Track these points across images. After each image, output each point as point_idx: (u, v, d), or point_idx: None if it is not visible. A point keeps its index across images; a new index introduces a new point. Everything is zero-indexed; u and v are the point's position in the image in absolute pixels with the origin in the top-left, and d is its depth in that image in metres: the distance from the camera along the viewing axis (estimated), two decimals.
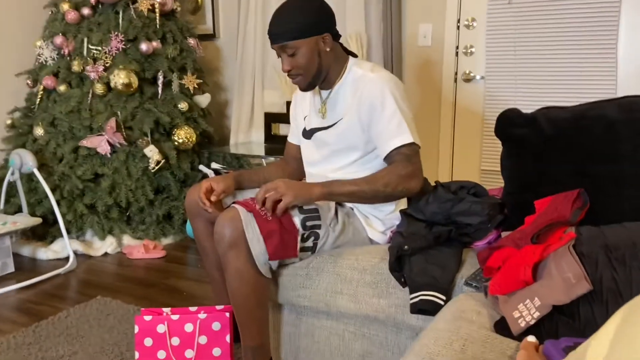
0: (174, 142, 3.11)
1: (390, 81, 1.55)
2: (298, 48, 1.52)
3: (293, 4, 1.52)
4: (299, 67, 1.54)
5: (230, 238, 1.42)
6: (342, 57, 1.62)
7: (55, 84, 3.06)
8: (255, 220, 1.44)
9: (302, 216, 1.52)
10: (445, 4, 2.96)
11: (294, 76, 1.57)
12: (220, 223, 1.44)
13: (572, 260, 1.09)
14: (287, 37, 1.50)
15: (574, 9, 2.67)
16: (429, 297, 1.36)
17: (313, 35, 1.52)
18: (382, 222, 1.67)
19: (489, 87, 2.93)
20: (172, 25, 3.25)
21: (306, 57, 1.53)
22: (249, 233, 1.43)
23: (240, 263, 1.44)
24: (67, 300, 2.40)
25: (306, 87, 1.60)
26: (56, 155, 2.98)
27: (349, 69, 1.61)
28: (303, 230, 1.52)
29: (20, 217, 2.80)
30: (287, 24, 1.50)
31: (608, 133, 1.40)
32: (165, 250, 2.98)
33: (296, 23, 1.49)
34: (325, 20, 1.54)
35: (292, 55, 1.53)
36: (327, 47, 1.55)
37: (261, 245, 1.44)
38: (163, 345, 1.63)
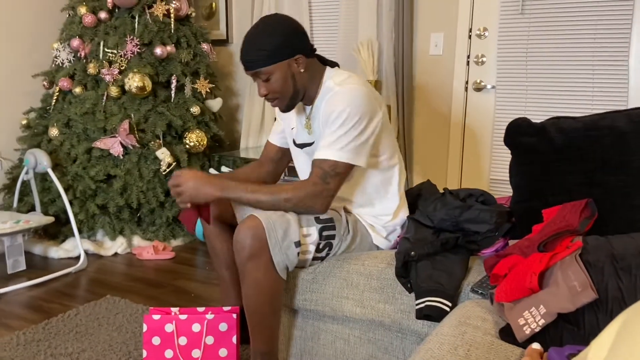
0: (186, 145, 3.14)
1: (357, 97, 1.49)
2: (271, 73, 1.51)
3: (262, 29, 1.50)
4: (274, 91, 1.54)
5: (252, 248, 1.43)
6: (318, 72, 1.60)
7: (71, 85, 3.11)
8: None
9: (319, 226, 1.53)
10: (457, 13, 2.97)
11: (271, 100, 1.57)
12: (242, 232, 1.43)
13: (578, 269, 1.09)
14: (258, 64, 1.50)
15: (586, 20, 2.67)
16: (435, 303, 1.37)
17: (284, 59, 1.51)
18: (384, 228, 1.68)
19: (500, 96, 2.94)
20: (187, 30, 3.30)
21: (280, 81, 1.52)
22: (271, 240, 1.44)
23: (260, 274, 1.45)
24: (77, 299, 2.43)
25: (285, 109, 1.60)
26: (70, 155, 3.03)
27: (324, 82, 1.59)
28: (320, 239, 1.54)
29: (33, 215, 2.84)
30: (258, 51, 1.49)
31: (618, 144, 1.40)
32: (174, 251, 3.01)
33: (266, 49, 1.48)
34: (296, 42, 1.52)
35: (267, 80, 1.53)
36: (300, 68, 1.54)
37: (282, 253, 1.46)
38: (170, 345, 1.65)
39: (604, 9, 2.63)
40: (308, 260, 1.57)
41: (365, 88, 1.53)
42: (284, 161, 1.86)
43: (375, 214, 1.66)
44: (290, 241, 1.47)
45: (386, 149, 1.62)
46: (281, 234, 1.45)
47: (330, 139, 1.49)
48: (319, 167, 1.49)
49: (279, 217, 1.47)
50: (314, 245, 1.54)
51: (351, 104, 1.48)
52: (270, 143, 1.85)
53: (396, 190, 1.67)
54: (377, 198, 1.65)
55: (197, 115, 3.22)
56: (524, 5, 2.81)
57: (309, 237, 1.52)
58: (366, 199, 1.65)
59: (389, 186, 1.66)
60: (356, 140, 1.49)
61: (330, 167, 1.49)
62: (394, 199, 1.67)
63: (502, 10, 2.86)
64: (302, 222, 1.51)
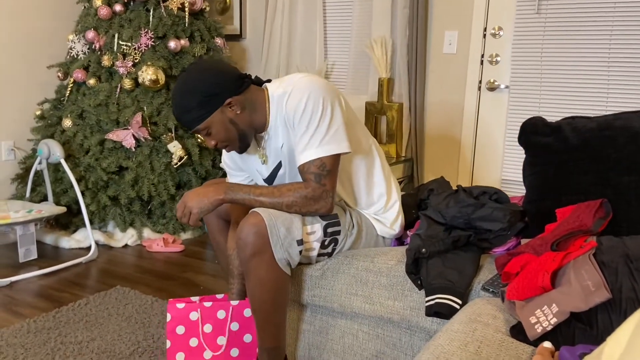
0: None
1: (309, 87, 1.44)
2: (209, 127, 1.48)
3: (183, 89, 1.45)
4: (221, 140, 1.51)
5: (254, 245, 1.42)
6: (260, 98, 1.52)
7: (85, 77, 3.13)
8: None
9: (324, 223, 1.53)
10: (472, 12, 2.96)
11: (223, 148, 1.55)
12: (245, 230, 1.43)
13: (592, 269, 1.08)
14: (193, 124, 1.47)
15: (603, 20, 2.65)
16: (445, 300, 1.37)
17: (214, 109, 1.45)
18: (385, 217, 1.67)
19: (514, 96, 2.92)
20: (201, 24, 3.31)
21: (222, 130, 1.48)
22: (273, 238, 1.43)
23: (263, 271, 1.45)
24: (87, 289, 2.45)
25: (240, 150, 1.56)
26: (83, 147, 3.05)
27: (271, 99, 1.52)
28: (324, 236, 1.53)
29: (45, 205, 2.87)
30: (185, 113, 1.46)
31: (632, 144, 1.39)
32: (184, 244, 3.03)
33: (192, 108, 1.44)
34: (220, 89, 1.45)
35: (209, 134, 1.50)
36: (236, 110, 1.47)
37: (284, 250, 1.45)
38: (195, 333, 1.64)
39: (621, 9, 2.60)
40: (313, 257, 1.57)
41: (310, 75, 1.49)
42: None
43: (370, 202, 1.65)
44: (292, 239, 1.46)
45: (359, 134, 1.59)
46: (283, 232, 1.44)
47: (305, 140, 1.44)
48: (307, 172, 1.46)
49: (281, 214, 1.46)
50: (318, 242, 1.53)
51: (311, 95, 1.43)
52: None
53: (380, 173, 1.65)
54: (366, 185, 1.64)
55: None
56: (540, 5, 2.78)
57: (312, 235, 1.51)
58: (356, 190, 1.64)
59: (373, 169, 1.64)
60: (330, 128, 1.44)
61: (319, 167, 1.45)
62: (381, 180, 1.65)
63: (518, 9, 2.84)
64: (306, 220, 1.50)
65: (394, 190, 1.68)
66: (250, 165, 1.67)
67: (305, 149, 1.45)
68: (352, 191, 1.64)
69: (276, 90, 1.52)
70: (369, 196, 1.65)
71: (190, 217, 1.50)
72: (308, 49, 3.48)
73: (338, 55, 3.44)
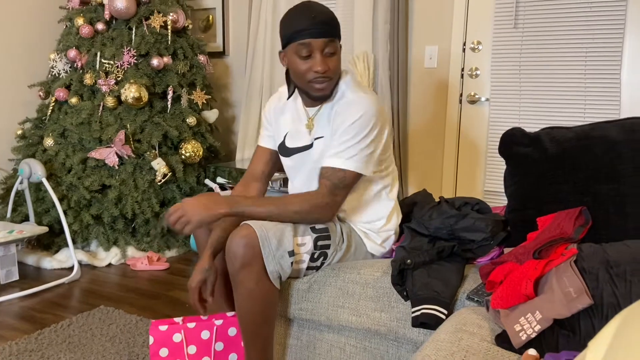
0: (181, 156, 3.15)
1: (371, 109, 1.48)
2: (337, 50, 1.48)
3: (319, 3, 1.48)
4: (333, 70, 1.48)
5: (244, 257, 1.41)
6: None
7: (67, 96, 3.12)
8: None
9: (314, 235, 1.53)
10: (451, 27, 3.01)
11: (323, 81, 1.48)
12: (235, 241, 1.42)
13: (573, 275, 1.10)
14: (336, 33, 1.46)
15: (579, 34, 2.72)
16: (431, 310, 1.37)
17: (340, 42, 1.50)
18: (378, 234, 1.68)
19: (494, 108, 2.97)
20: (183, 42, 3.32)
21: (339, 62, 1.49)
22: (264, 249, 1.43)
23: (252, 283, 1.44)
24: (70, 309, 2.41)
25: (328, 94, 1.54)
26: (65, 165, 3.02)
27: (339, 85, 1.56)
28: (314, 249, 1.54)
29: (27, 225, 2.83)
30: (334, 21, 1.45)
31: (610, 153, 1.42)
32: (168, 262, 3.00)
33: (338, 23, 1.47)
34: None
35: (332, 54, 1.47)
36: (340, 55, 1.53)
37: (276, 262, 1.45)
38: (179, 355, 1.62)
39: (596, 22, 2.67)
40: (302, 270, 1.57)
41: (374, 97, 1.53)
42: (273, 171, 1.79)
43: (369, 219, 1.67)
44: (284, 250, 1.46)
45: (386, 158, 1.63)
46: (275, 243, 1.44)
47: (341, 148, 1.48)
48: (327, 179, 1.48)
49: (272, 226, 1.46)
50: (308, 254, 1.53)
51: (366, 115, 1.47)
52: (263, 148, 1.75)
53: (390, 195, 1.68)
54: (372, 203, 1.66)
55: (193, 126, 3.23)
56: (517, 19, 2.85)
57: (303, 247, 1.52)
58: (362, 204, 1.66)
59: (384, 192, 1.67)
60: (365, 150, 1.49)
61: (340, 179, 1.48)
62: (388, 203, 1.67)
63: (496, 24, 2.90)
64: (297, 231, 1.50)
65: (395, 215, 1.70)
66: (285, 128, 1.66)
67: (336, 155, 1.48)
68: (359, 203, 1.65)
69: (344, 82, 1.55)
70: (372, 213, 1.66)
71: (185, 226, 1.44)
72: None
73: None
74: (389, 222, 1.68)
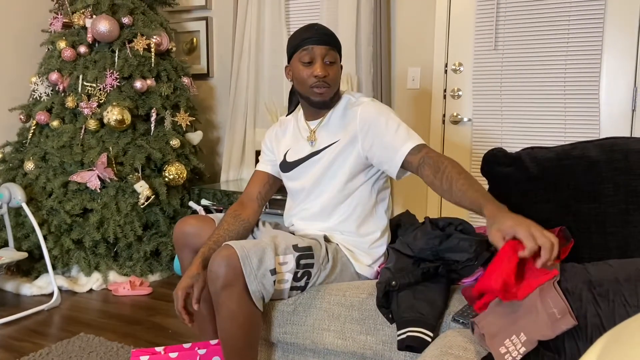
0: (165, 178, 3.12)
1: (378, 106, 1.60)
2: (337, 60, 1.61)
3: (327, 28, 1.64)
4: (332, 78, 1.60)
5: (226, 277, 1.40)
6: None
7: (49, 119, 3.09)
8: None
9: (296, 254, 1.51)
10: (433, 49, 3.06)
11: (324, 85, 1.59)
12: (216, 262, 1.41)
13: (557, 296, 1.10)
14: (336, 44, 1.61)
15: (557, 55, 2.77)
16: (417, 333, 1.36)
17: (341, 57, 1.65)
18: (368, 254, 1.67)
19: (476, 128, 3.00)
20: (167, 64, 3.32)
21: (339, 73, 1.62)
22: (246, 269, 1.41)
23: (234, 304, 1.42)
24: (49, 337, 2.35)
25: (327, 101, 1.63)
26: (46, 189, 2.98)
27: (345, 97, 1.68)
28: (297, 267, 1.52)
29: (5, 251, 2.77)
30: (335, 36, 1.62)
31: (590, 172, 1.43)
32: (151, 287, 2.95)
33: (339, 41, 1.63)
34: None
35: (332, 63, 1.59)
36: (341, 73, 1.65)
37: (258, 281, 1.43)
38: None
39: (575, 43, 2.73)
40: (285, 291, 1.55)
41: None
42: (269, 194, 1.83)
43: (363, 233, 1.66)
44: (265, 269, 1.44)
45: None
46: (256, 262, 1.43)
47: (400, 134, 1.53)
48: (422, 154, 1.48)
49: (253, 245, 1.45)
50: (290, 273, 1.51)
51: (379, 110, 1.58)
52: (261, 172, 1.82)
53: (385, 212, 1.71)
54: (368, 216, 1.67)
55: (177, 148, 3.21)
56: (497, 41, 2.90)
57: (285, 265, 1.50)
58: (360, 217, 1.66)
59: (380, 206, 1.70)
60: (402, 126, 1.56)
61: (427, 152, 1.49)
62: (382, 220, 1.69)
63: (476, 46, 2.95)
64: (278, 250, 1.49)
65: (386, 234, 1.71)
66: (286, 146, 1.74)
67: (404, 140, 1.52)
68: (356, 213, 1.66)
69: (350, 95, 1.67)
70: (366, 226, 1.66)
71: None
72: (276, 87, 3.53)
73: None
74: (382, 237, 1.68)
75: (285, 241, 1.53)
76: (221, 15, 3.77)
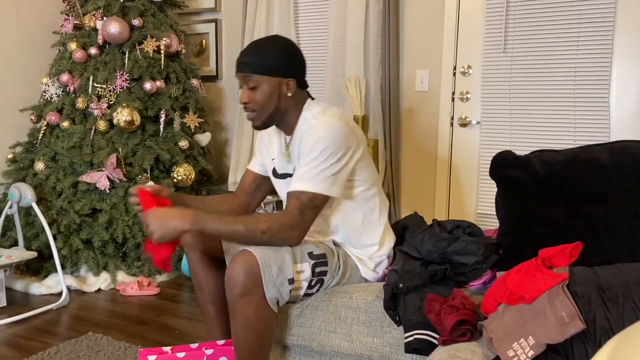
0: (173, 179, 3.13)
1: (331, 131, 1.49)
2: (260, 83, 1.52)
3: (269, 41, 1.54)
4: (256, 102, 1.54)
5: (245, 285, 1.39)
6: (301, 103, 1.61)
7: (59, 120, 3.11)
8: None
9: (312, 262, 1.51)
10: (441, 52, 3.05)
11: (249, 111, 1.56)
12: (236, 268, 1.40)
13: (565, 300, 1.09)
14: (253, 69, 1.51)
15: (568, 57, 2.76)
16: (424, 336, 1.35)
17: (278, 76, 1.53)
18: (371, 260, 1.67)
19: (485, 131, 2.99)
20: (177, 66, 3.34)
21: (266, 95, 1.53)
22: (265, 277, 1.41)
23: (251, 312, 1.42)
24: (57, 336, 2.37)
25: (259, 125, 1.59)
26: (55, 189, 3.00)
27: (303, 113, 1.60)
28: (312, 276, 1.52)
29: (15, 250, 2.79)
30: (258, 57, 1.51)
31: (599, 176, 1.43)
32: (159, 287, 2.96)
33: (266, 59, 1.51)
34: (295, 66, 1.55)
35: (253, 88, 1.53)
36: (288, 92, 1.55)
37: (276, 289, 1.43)
38: None
39: (585, 46, 2.72)
40: (299, 297, 1.55)
41: (340, 122, 1.52)
42: (258, 193, 1.82)
43: (362, 245, 1.66)
44: (284, 278, 1.44)
45: (364, 180, 1.61)
46: (275, 271, 1.42)
47: (304, 170, 1.49)
48: (296, 198, 1.47)
49: (273, 252, 1.44)
50: (306, 281, 1.52)
51: (325, 137, 1.48)
52: (249, 170, 1.82)
53: (379, 219, 1.66)
54: (362, 229, 1.65)
55: (185, 149, 3.23)
56: (506, 44, 2.89)
57: (302, 274, 1.50)
58: (352, 231, 1.64)
59: (372, 216, 1.65)
60: (329, 170, 1.48)
61: (309, 200, 1.47)
62: (378, 227, 1.66)
63: (485, 48, 2.94)
64: (296, 257, 1.49)
65: (387, 241, 1.68)
66: (271, 154, 1.72)
67: (302, 178, 1.48)
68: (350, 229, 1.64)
69: (309, 110, 1.60)
70: (365, 239, 1.65)
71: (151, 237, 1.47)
72: None
73: (313, 94, 3.46)
74: (382, 248, 1.66)
75: (301, 247, 1.53)
76: (230, 18, 3.79)
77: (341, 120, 1.53)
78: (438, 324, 1.30)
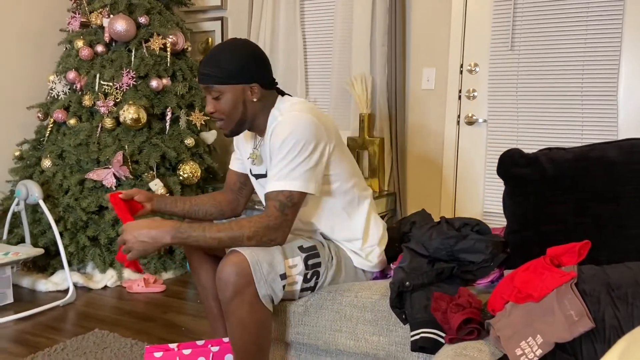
0: (179, 177, 3.14)
1: (299, 125, 1.46)
2: (223, 93, 1.50)
3: (226, 48, 1.50)
4: (221, 111, 1.52)
5: (236, 285, 1.38)
6: (271, 103, 1.57)
7: (66, 117, 3.12)
8: None
9: (303, 255, 1.51)
10: (448, 49, 3.04)
11: (216, 119, 1.55)
12: (226, 269, 1.39)
13: (574, 298, 1.08)
14: (213, 80, 1.49)
15: (575, 55, 2.74)
16: (430, 334, 1.35)
17: (240, 83, 1.50)
18: (362, 250, 1.65)
19: (492, 129, 2.97)
20: (183, 63, 3.34)
21: (230, 104, 1.51)
22: (256, 275, 1.40)
23: (244, 312, 1.41)
24: (64, 333, 2.38)
25: (229, 133, 1.57)
26: (62, 187, 3.01)
27: (271, 113, 1.56)
28: (306, 269, 1.51)
29: (22, 247, 2.80)
30: (215, 67, 1.48)
31: (609, 174, 1.41)
32: (165, 284, 2.96)
33: (224, 68, 1.48)
34: (256, 70, 1.51)
35: (217, 98, 1.51)
36: (254, 97, 1.51)
37: (268, 285, 1.43)
38: None
39: (593, 43, 2.70)
40: (296, 292, 1.54)
41: (308, 115, 1.48)
42: (245, 190, 1.81)
43: (347, 238, 1.64)
44: (275, 274, 1.44)
45: (338, 174, 1.58)
46: (266, 268, 1.42)
47: (278, 169, 1.46)
48: (275, 199, 1.45)
49: (262, 250, 1.44)
50: (301, 276, 1.51)
51: (294, 132, 1.45)
52: (230, 170, 1.81)
53: (360, 212, 1.63)
54: (342, 223, 1.62)
55: (191, 147, 3.23)
56: (513, 41, 2.88)
57: (294, 268, 1.49)
58: (334, 225, 1.62)
59: (351, 209, 1.62)
60: (303, 166, 1.45)
61: (287, 198, 1.44)
62: (359, 220, 1.63)
63: (492, 46, 2.93)
64: (286, 253, 1.48)
65: (371, 232, 1.65)
66: (247, 153, 1.72)
67: (277, 178, 1.46)
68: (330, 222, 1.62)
69: (276, 107, 1.56)
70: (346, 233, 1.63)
71: (130, 255, 1.46)
72: (290, 86, 3.53)
73: (319, 92, 3.49)
74: (366, 241, 1.64)
75: (290, 242, 1.52)
76: (236, 16, 3.79)
77: (310, 114, 1.49)
78: (444, 322, 1.30)
